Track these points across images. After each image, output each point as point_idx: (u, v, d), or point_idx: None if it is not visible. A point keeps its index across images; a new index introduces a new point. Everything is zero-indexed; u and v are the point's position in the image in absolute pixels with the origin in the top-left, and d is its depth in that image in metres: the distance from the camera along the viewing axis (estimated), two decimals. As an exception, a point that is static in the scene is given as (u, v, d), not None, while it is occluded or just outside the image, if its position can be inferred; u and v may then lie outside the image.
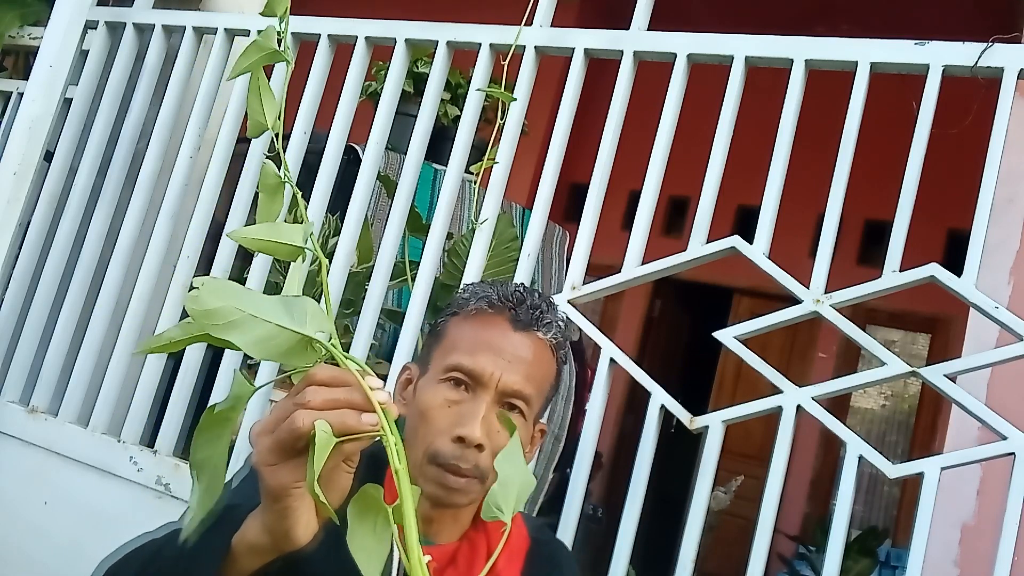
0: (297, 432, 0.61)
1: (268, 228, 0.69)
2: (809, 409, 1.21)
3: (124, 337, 1.75)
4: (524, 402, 0.91)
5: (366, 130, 1.60)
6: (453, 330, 0.94)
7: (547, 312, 0.95)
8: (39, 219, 1.94)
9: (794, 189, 1.38)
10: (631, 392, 4.98)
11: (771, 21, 2.06)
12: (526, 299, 0.94)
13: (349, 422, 0.62)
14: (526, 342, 0.92)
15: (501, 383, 0.89)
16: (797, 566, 3.81)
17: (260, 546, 0.67)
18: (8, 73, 2.37)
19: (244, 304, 0.62)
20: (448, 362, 0.90)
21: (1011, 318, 1.11)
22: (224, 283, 0.63)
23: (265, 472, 0.64)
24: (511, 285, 0.97)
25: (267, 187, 0.76)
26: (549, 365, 0.95)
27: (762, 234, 1.27)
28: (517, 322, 0.92)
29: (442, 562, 0.90)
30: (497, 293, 0.94)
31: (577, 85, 1.45)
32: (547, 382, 0.95)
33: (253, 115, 0.76)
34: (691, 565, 1.22)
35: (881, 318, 4.78)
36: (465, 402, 0.89)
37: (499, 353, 0.90)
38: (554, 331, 0.95)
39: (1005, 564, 1.06)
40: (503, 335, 0.91)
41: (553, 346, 0.95)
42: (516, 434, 0.71)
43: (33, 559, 1.72)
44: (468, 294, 0.97)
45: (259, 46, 0.78)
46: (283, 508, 0.64)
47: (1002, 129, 1.17)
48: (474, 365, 0.89)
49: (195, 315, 0.62)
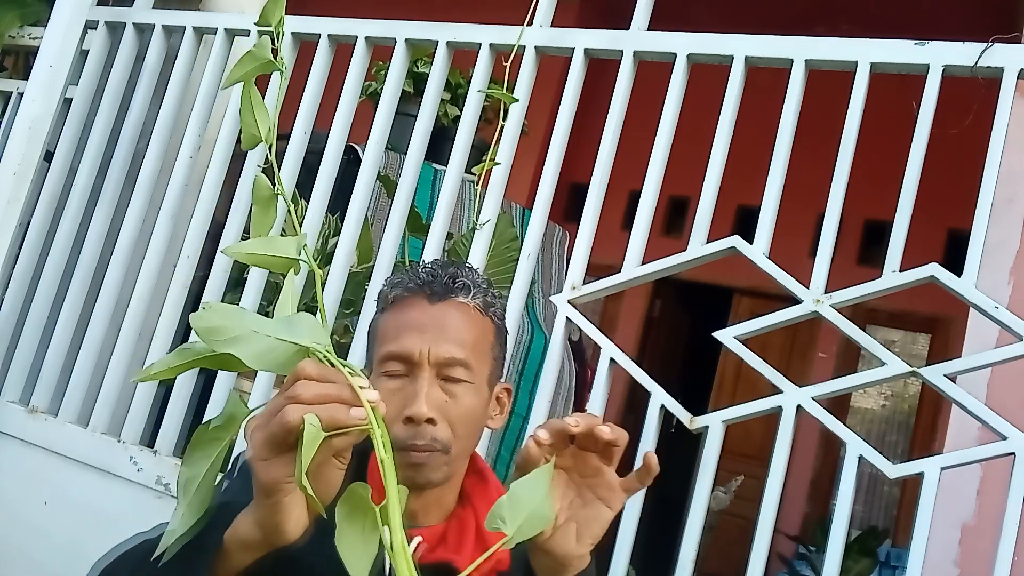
0: (288, 426, 0.63)
1: (262, 243, 0.72)
2: (809, 409, 1.21)
3: (124, 337, 1.75)
4: (464, 367, 0.91)
5: (366, 130, 1.60)
6: (380, 324, 0.96)
7: (462, 277, 0.95)
8: (39, 219, 1.94)
9: (794, 189, 1.38)
10: (631, 392, 4.98)
11: (771, 21, 2.06)
12: (439, 272, 0.95)
13: (339, 416, 0.63)
14: (447, 310, 0.93)
15: (432, 356, 0.90)
16: (797, 566, 3.81)
17: (252, 541, 0.68)
18: (8, 73, 2.37)
19: (246, 323, 0.66)
20: (380, 354, 0.92)
21: (1011, 318, 1.11)
22: (230, 308, 0.67)
23: (257, 467, 0.65)
24: (424, 264, 0.98)
25: (260, 199, 0.77)
26: (480, 326, 0.95)
27: (762, 234, 1.27)
28: (433, 295, 0.93)
29: (432, 542, 0.91)
30: (410, 276, 0.96)
31: (577, 85, 1.45)
32: (485, 342, 0.95)
33: (246, 128, 0.77)
34: (691, 565, 1.22)
35: (881, 318, 4.78)
36: (407, 385, 0.90)
37: (422, 329, 0.91)
38: (474, 291, 0.95)
39: (1005, 564, 1.06)
40: (422, 311, 0.93)
41: (480, 307, 0.95)
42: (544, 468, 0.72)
43: (33, 559, 1.72)
44: (386, 286, 0.98)
45: (254, 56, 0.78)
46: (274, 503, 0.65)
47: (1002, 129, 1.17)
48: (401, 348, 0.90)
49: (200, 332, 0.65)
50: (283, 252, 0.71)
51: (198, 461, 0.68)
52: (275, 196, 0.77)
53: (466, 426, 0.92)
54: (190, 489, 0.68)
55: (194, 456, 0.68)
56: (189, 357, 0.67)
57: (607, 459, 0.80)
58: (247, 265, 1.67)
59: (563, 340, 1.37)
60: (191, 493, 0.68)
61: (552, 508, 0.73)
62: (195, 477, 0.68)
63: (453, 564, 0.89)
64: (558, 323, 1.37)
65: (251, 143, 0.78)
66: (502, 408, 0.99)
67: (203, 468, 0.68)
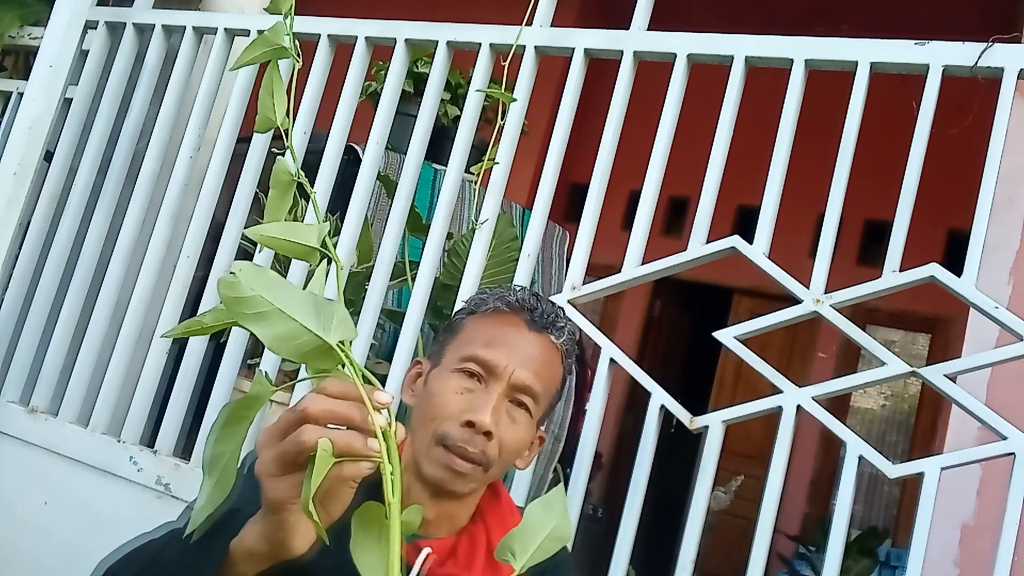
0: (302, 446, 0.61)
1: (284, 227, 0.69)
2: (809, 409, 1.21)
3: (124, 337, 1.75)
4: (532, 399, 0.93)
5: (366, 130, 1.60)
6: (469, 326, 0.97)
7: (560, 318, 0.99)
8: (39, 219, 1.93)
9: (794, 189, 1.38)
10: (631, 392, 4.98)
11: (771, 21, 2.06)
12: (541, 303, 0.98)
13: (355, 445, 0.61)
14: (540, 342, 0.95)
15: (514, 376, 0.91)
16: (797, 566, 3.81)
17: (258, 553, 0.67)
18: (8, 73, 2.37)
19: (276, 296, 0.61)
20: (463, 353, 0.93)
21: (1011, 318, 1.11)
22: (262, 271, 0.62)
23: (265, 483, 0.64)
24: (528, 290, 1.01)
25: (279, 183, 0.76)
26: (557, 369, 0.98)
27: (762, 234, 1.27)
28: (532, 323, 0.96)
29: (442, 555, 0.91)
30: (515, 296, 0.98)
31: (577, 85, 1.45)
32: (554, 385, 0.97)
33: (263, 110, 0.76)
34: (691, 565, 1.22)
35: (881, 318, 4.78)
36: (477, 391, 0.91)
37: (513, 348, 0.93)
38: (566, 336, 0.98)
39: (1005, 564, 1.06)
40: (518, 332, 0.95)
41: (563, 352, 0.98)
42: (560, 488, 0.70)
43: (33, 559, 1.72)
44: (486, 295, 1.00)
45: (266, 40, 0.78)
46: (280, 520, 0.64)
47: (1002, 129, 1.17)
48: (489, 356, 0.92)
49: (227, 301, 0.61)
50: (304, 239, 0.68)
51: (223, 440, 0.66)
52: (294, 181, 0.76)
53: (511, 453, 0.93)
54: (216, 467, 0.66)
55: (220, 435, 0.66)
56: (223, 317, 0.64)
57: None
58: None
59: (563, 340, 1.37)
60: (217, 471, 0.66)
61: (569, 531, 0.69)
62: (220, 455, 0.66)
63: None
64: (558, 323, 1.36)
65: (265, 126, 0.77)
66: (532, 452, 1.00)
67: (228, 447, 0.66)
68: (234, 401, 0.67)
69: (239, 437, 0.66)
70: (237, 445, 0.66)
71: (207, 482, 0.66)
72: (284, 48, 0.78)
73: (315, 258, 0.69)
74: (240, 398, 0.67)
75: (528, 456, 0.99)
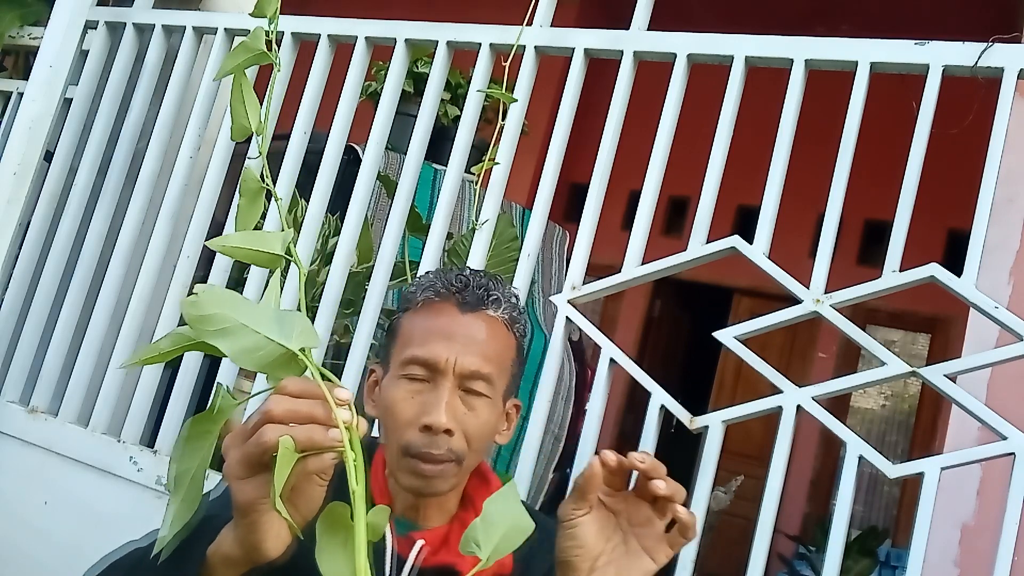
0: (264, 446, 0.61)
1: (247, 236, 0.69)
2: (809, 409, 1.20)
3: (124, 337, 1.75)
4: (485, 381, 0.91)
5: (366, 130, 1.60)
6: (406, 325, 0.95)
7: (494, 289, 0.95)
8: (39, 219, 1.93)
9: (794, 189, 1.38)
10: (631, 392, 4.98)
11: (771, 21, 2.06)
12: (471, 281, 0.95)
13: (316, 437, 0.62)
14: (477, 322, 0.93)
15: (458, 366, 0.89)
16: (797, 566, 3.81)
17: (233, 558, 0.67)
18: (8, 73, 2.37)
19: (238, 313, 0.63)
20: (404, 356, 0.91)
21: (1011, 318, 1.11)
22: (223, 292, 0.64)
23: (233, 485, 0.64)
24: (455, 270, 0.98)
25: (248, 191, 0.75)
26: (505, 340, 0.95)
27: (762, 234, 1.27)
28: (464, 304, 0.93)
29: (435, 544, 0.91)
30: (442, 281, 0.95)
31: (577, 85, 1.45)
32: (507, 358, 0.95)
33: (236, 118, 0.76)
34: (691, 565, 1.22)
35: (881, 318, 4.78)
36: (426, 391, 0.89)
37: (451, 338, 0.90)
38: (504, 306, 0.95)
39: (1005, 564, 1.06)
40: (452, 319, 0.92)
41: (507, 321, 0.95)
42: (512, 484, 0.71)
43: (33, 559, 1.72)
44: (415, 287, 0.97)
45: (247, 47, 0.78)
46: (251, 522, 0.64)
47: (1002, 129, 1.17)
48: (428, 354, 0.90)
49: (190, 319, 0.63)
50: (268, 247, 0.68)
51: (188, 456, 0.66)
52: (263, 189, 0.76)
53: (481, 440, 0.92)
54: (181, 484, 0.67)
55: (183, 451, 0.67)
56: (180, 342, 0.65)
57: (660, 512, 0.80)
58: (247, 265, 1.67)
59: (563, 340, 1.37)
60: (183, 489, 0.66)
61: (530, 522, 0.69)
62: (186, 472, 0.66)
63: (456, 568, 0.88)
64: (558, 323, 1.37)
65: (241, 134, 0.77)
66: (510, 424, 0.99)
67: (193, 463, 0.66)
68: (195, 416, 0.67)
69: (204, 452, 0.67)
70: (203, 460, 0.66)
71: (173, 500, 0.67)
72: (266, 54, 0.77)
73: (281, 264, 0.69)
74: (201, 413, 0.67)
75: (507, 431, 0.98)
